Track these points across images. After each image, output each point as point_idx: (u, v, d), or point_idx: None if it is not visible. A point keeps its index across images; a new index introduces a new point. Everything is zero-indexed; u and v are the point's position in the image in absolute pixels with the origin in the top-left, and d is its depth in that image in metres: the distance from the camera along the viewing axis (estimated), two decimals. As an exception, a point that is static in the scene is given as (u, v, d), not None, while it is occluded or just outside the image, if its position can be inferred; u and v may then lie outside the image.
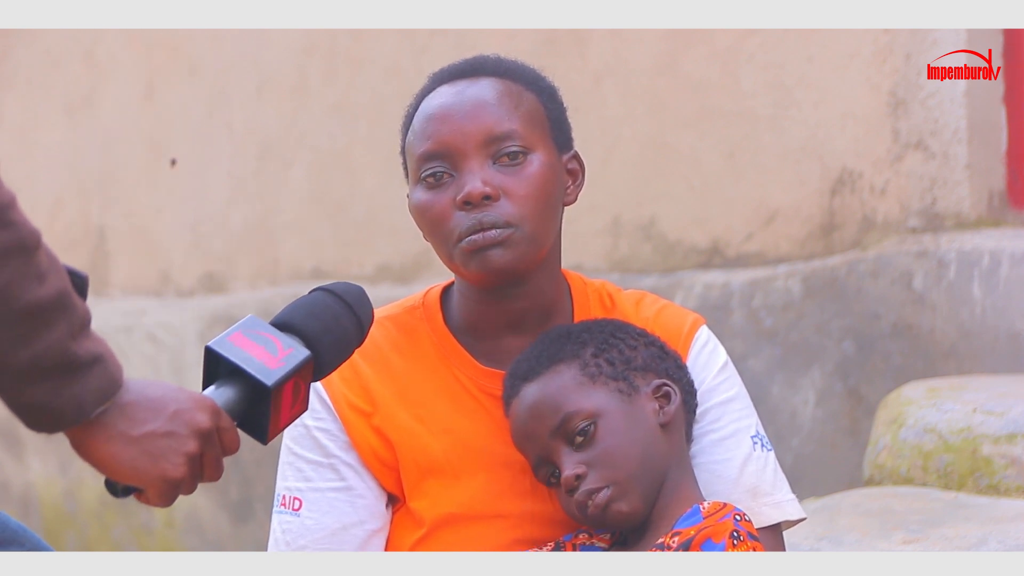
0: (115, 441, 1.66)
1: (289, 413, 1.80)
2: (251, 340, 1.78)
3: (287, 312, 1.85)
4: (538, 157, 2.16)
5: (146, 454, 1.67)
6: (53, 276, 1.61)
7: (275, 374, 1.76)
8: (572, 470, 2.10)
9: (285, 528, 2.21)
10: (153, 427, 1.67)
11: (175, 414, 1.69)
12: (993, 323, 3.54)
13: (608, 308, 2.27)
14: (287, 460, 2.23)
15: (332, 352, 1.85)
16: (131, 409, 1.67)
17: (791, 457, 3.78)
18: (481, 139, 2.14)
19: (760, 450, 2.23)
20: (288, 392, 1.78)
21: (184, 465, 1.69)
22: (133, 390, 1.68)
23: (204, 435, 1.70)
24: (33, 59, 5.63)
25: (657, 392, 2.16)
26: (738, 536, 2.02)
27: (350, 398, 2.20)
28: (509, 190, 2.13)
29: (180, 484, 1.70)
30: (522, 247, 2.13)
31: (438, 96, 2.19)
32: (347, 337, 1.87)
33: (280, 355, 1.78)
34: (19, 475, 5.71)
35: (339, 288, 1.89)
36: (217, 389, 1.77)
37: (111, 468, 1.68)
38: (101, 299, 5.39)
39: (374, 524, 2.20)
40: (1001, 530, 2.81)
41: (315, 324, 1.84)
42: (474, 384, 2.21)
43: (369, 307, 1.91)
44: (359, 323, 1.89)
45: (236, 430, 1.76)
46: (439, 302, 2.25)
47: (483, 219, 2.11)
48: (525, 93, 2.19)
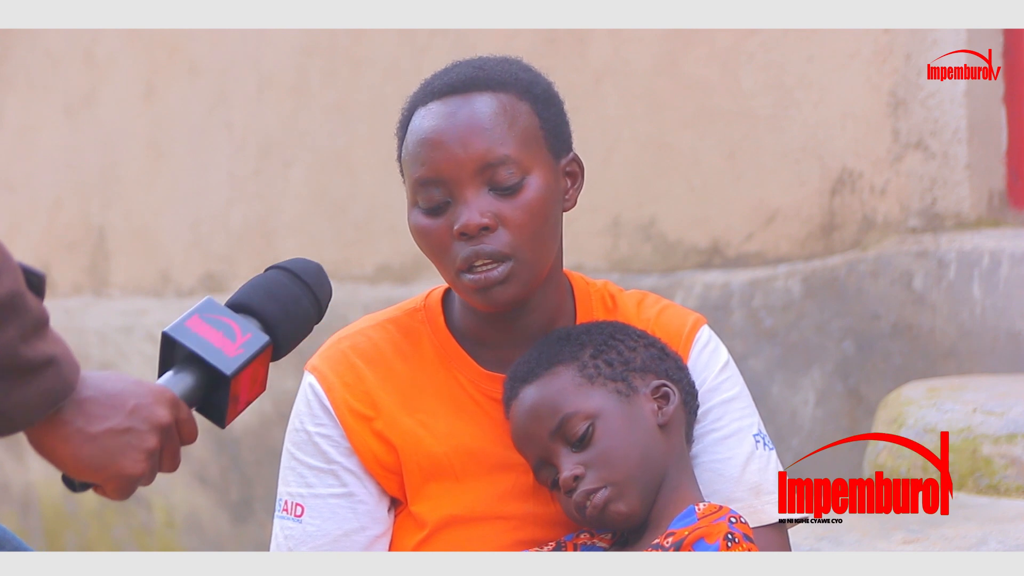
0: (72, 439, 1.63)
1: (247, 397, 1.77)
2: (208, 325, 1.75)
3: (244, 293, 1.82)
4: (535, 179, 2.13)
5: (105, 452, 1.64)
6: (5, 276, 1.55)
7: (234, 362, 1.74)
8: (570, 471, 2.10)
9: (288, 534, 2.20)
10: (111, 424, 1.64)
11: (134, 410, 1.66)
12: (993, 323, 3.54)
13: (610, 309, 2.26)
14: (288, 465, 2.22)
15: (290, 334, 1.82)
16: (89, 405, 1.63)
17: (791, 457, 3.78)
18: (475, 167, 2.11)
19: (762, 449, 2.23)
20: (247, 377, 1.76)
21: (143, 461, 1.66)
22: (91, 385, 1.64)
23: (163, 430, 1.68)
24: (33, 59, 5.63)
25: (656, 393, 2.16)
26: (732, 538, 2.02)
27: (352, 403, 2.19)
28: (506, 219, 2.11)
29: (139, 479, 1.67)
30: (524, 277, 2.12)
31: (431, 116, 2.15)
32: (306, 317, 1.84)
33: (238, 341, 1.75)
34: (19, 475, 5.71)
35: (297, 267, 1.86)
36: (175, 376, 1.74)
37: (69, 466, 1.65)
38: (101, 299, 5.39)
39: (376, 529, 2.20)
40: (1001, 530, 2.81)
41: (273, 306, 1.81)
42: (476, 388, 2.21)
43: (327, 285, 1.88)
44: (318, 303, 1.86)
45: (194, 420, 1.73)
46: (440, 304, 2.25)
47: (481, 251, 2.10)
48: (519, 105, 2.15)
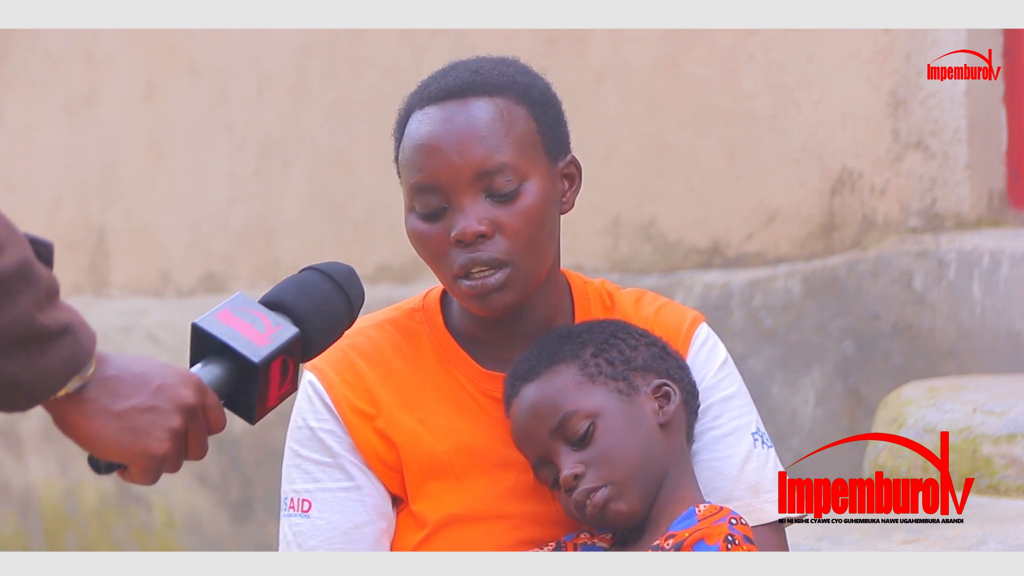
0: (97, 416, 1.62)
1: (278, 392, 1.77)
2: (238, 317, 1.75)
3: (276, 291, 1.82)
4: (532, 186, 2.13)
5: (129, 429, 1.63)
6: (12, 246, 1.54)
7: (262, 351, 1.73)
8: (571, 469, 2.10)
9: (296, 531, 2.20)
10: (136, 402, 1.64)
11: (159, 389, 1.65)
12: (993, 323, 3.54)
13: (608, 307, 2.26)
14: (292, 463, 2.21)
15: (322, 331, 1.83)
16: (114, 383, 1.63)
17: (791, 457, 3.78)
18: (472, 174, 2.11)
19: (761, 447, 2.23)
20: (276, 370, 1.75)
21: (168, 441, 1.65)
22: (116, 365, 1.64)
23: (188, 411, 1.67)
24: (33, 59, 5.63)
25: (657, 392, 2.16)
26: (733, 540, 2.02)
27: (353, 401, 2.19)
28: (503, 225, 2.11)
29: (164, 461, 1.66)
30: (521, 283, 2.12)
31: (427, 121, 2.14)
32: (337, 317, 1.84)
33: (268, 332, 1.75)
34: (19, 475, 5.71)
35: (329, 268, 1.86)
36: (204, 367, 1.74)
37: (93, 444, 1.64)
38: (101, 299, 5.39)
39: (383, 524, 2.20)
40: (1001, 530, 2.81)
41: (305, 303, 1.81)
42: (475, 387, 2.21)
43: (359, 287, 1.88)
44: (349, 303, 1.86)
45: (222, 408, 1.72)
46: (439, 305, 2.25)
47: (478, 258, 2.10)
48: (516, 110, 2.14)
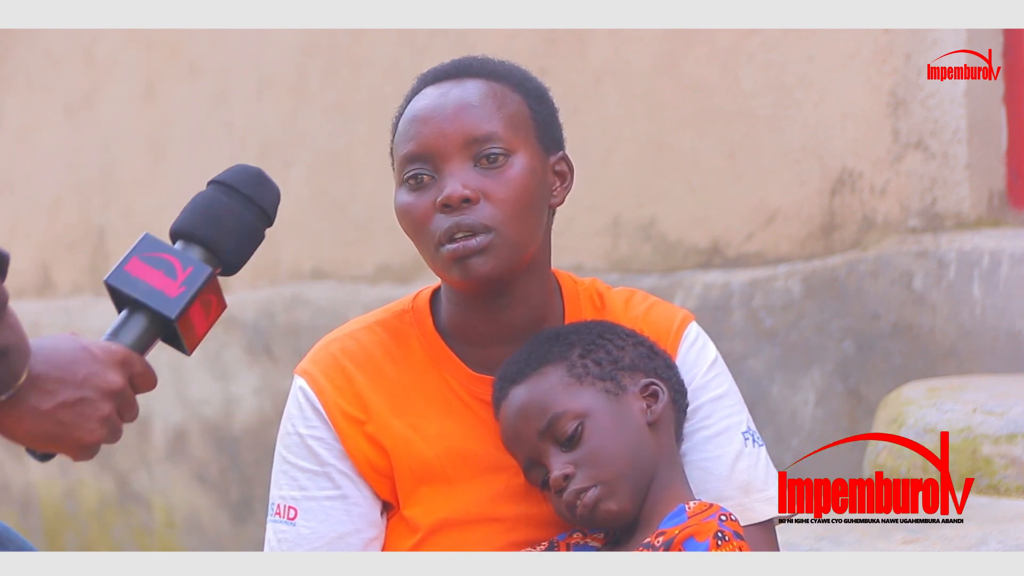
0: (27, 417, 1.64)
1: (205, 325, 1.76)
2: (148, 265, 1.74)
3: (184, 219, 1.79)
4: (520, 159, 2.14)
5: (59, 425, 1.65)
6: None
7: (177, 304, 1.73)
8: (560, 470, 2.10)
9: (281, 538, 2.20)
10: (63, 397, 1.65)
11: (85, 379, 1.66)
12: (993, 323, 3.54)
13: (598, 307, 2.26)
14: (281, 468, 2.21)
15: (238, 252, 1.80)
16: (41, 382, 1.64)
17: (791, 457, 3.78)
18: (462, 141, 2.13)
19: (751, 446, 2.23)
20: (198, 311, 1.75)
21: (99, 429, 1.67)
22: (41, 359, 1.64)
23: (117, 394, 1.68)
24: (33, 59, 5.63)
25: (645, 391, 2.15)
26: (723, 536, 2.02)
27: (343, 407, 2.19)
28: (489, 192, 2.12)
29: (98, 445, 1.68)
30: (503, 252, 2.12)
31: (423, 98, 2.18)
32: (251, 232, 1.82)
33: (180, 278, 1.73)
34: (19, 475, 5.71)
35: (234, 178, 1.82)
36: (125, 323, 1.73)
37: (27, 442, 1.66)
38: (101, 299, 5.39)
39: (370, 533, 2.19)
40: (1001, 530, 2.81)
41: (214, 228, 1.78)
42: (465, 390, 2.20)
43: (271, 189, 1.84)
44: (263, 212, 1.83)
45: (151, 370, 1.72)
46: (428, 306, 2.24)
47: (462, 222, 2.10)
48: (510, 94, 2.18)
